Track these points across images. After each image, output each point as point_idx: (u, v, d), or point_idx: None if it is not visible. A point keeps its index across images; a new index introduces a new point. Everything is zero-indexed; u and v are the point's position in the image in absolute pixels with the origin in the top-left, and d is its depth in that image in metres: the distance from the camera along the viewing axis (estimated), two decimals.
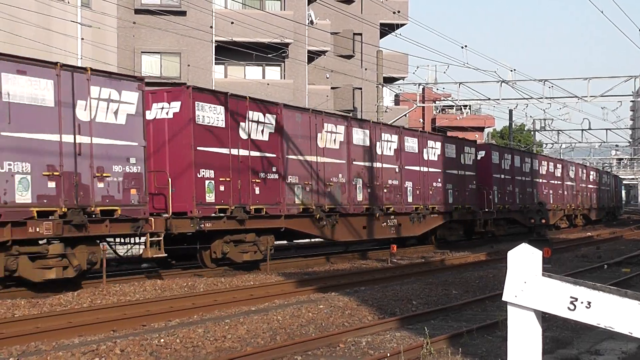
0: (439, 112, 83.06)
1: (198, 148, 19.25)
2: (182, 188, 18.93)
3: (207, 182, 19.45)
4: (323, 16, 46.19)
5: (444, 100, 62.97)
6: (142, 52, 39.54)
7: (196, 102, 19.25)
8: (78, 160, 16.06)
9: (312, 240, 28.57)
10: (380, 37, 51.31)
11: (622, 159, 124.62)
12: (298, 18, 42.05)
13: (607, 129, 65.13)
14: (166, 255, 19.12)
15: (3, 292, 15.62)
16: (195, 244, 20.39)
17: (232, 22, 39.23)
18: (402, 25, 50.38)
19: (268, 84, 40.98)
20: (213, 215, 19.56)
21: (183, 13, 39.48)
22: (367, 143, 26.55)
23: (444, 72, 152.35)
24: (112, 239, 18.27)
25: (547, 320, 11.61)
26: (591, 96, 43.42)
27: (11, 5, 28.58)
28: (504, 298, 5.54)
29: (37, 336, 11.25)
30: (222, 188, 19.80)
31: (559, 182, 48.97)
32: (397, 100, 60.38)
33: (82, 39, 32.16)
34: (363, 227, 26.16)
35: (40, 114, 15.34)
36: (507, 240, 36.17)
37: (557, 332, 11.74)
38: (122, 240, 18.66)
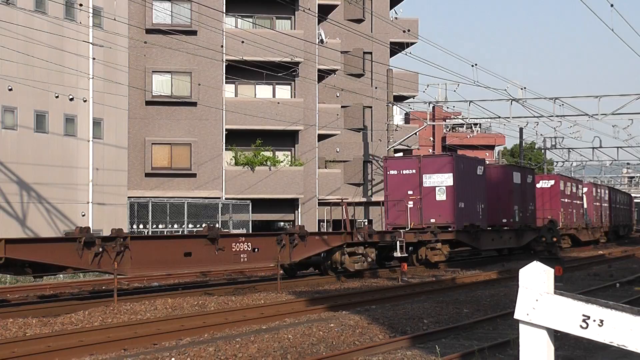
0: (449, 130, 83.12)
1: None
2: None
3: None
4: (333, 35, 46.39)
5: (454, 118, 63.07)
6: (153, 71, 39.77)
7: None
8: None
9: None
10: (390, 56, 51.47)
11: (633, 177, 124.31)
12: (308, 37, 42.25)
13: (618, 147, 65.08)
14: None
15: (14, 311, 15.67)
16: None
17: (243, 42, 39.44)
18: (412, 43, 50.57)
19: (279, 103, 41.11)
20: None
21: (194, 32, 39.73)
22: None
23: (454, 91, 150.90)
24: None
25: (559, 339, 11.54)
26: (602, 114, 43.43)
27: (25, 27, 28.88)
28: (515, 316, 5.52)
29: (49, 355, 11.26)
30: None
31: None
32: (407, 119, 60.52)
33: (94, 58, 32.40)
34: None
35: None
36: (516, 259, 35.96)
37: (570, 350, 11.68)
38: None
